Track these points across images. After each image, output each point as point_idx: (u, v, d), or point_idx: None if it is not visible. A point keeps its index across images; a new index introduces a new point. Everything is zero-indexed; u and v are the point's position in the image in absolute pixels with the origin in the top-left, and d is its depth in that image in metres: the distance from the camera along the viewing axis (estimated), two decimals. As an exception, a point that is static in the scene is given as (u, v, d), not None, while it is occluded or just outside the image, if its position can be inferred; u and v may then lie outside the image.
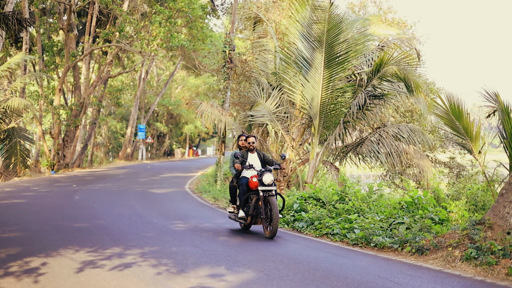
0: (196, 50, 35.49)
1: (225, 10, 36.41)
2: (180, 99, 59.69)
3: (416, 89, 16.87)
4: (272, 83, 19.53)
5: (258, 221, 11.12)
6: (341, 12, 17.16)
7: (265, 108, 18.46)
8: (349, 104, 17.02)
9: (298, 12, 17.18)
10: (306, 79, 16.97)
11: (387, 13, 27.68)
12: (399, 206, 12.16)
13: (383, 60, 16.64)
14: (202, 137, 73.62)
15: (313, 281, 6.90)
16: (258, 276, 7.17)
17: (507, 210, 8.88)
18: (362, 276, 7.29)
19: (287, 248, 9.64)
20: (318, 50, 16.57)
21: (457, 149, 25.48)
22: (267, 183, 10.61)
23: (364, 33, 17.83)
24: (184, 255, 8.50)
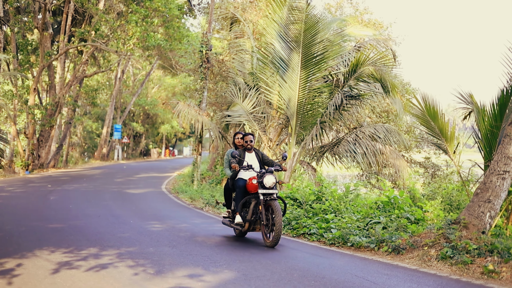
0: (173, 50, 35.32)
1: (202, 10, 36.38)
2: (157, 99, 59.44)
3: (392, 89, 17.00)
4: (249, 83, 19.53)
5: (257, 228, 10.12)
6: (318, 13, 17.20)
7: (242, 108, 18.45)
8: (326, 105, 17.08)
9: (275, 13, 17.20)
10: (283, 79, 16.99)
11: (363, 14, 27.85)
12: (376, 205, 12.25)
13: (359, 61, 16.74)
14: (178, 137, 73.38)
15: (290, 281, 6.91)
16: (236, 276, 7.17)
17: (482, 209, 8.99)
18: (339, 276, 7.33)
19: (264, 248, 9.64)
20: (295, 50, 16.60)
21: (432, 149, 25.74)
22: (268, 185, 9.70)
23: (341, 33, 17.90)
24: (161, 256, 8.46)
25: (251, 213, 9.89)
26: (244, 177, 10.31)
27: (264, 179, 9.73)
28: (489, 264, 7.51)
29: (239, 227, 10.16)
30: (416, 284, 6.94)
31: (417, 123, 13.08)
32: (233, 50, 22.27)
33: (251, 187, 10.02)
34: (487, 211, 8.97)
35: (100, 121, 57.41)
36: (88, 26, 32.54)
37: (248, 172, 10.33)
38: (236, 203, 10.20)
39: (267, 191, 9.72)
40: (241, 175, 10.39)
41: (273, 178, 9.76)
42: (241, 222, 10.08)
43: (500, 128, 10.59)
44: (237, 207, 10.14)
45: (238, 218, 10.09)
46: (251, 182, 10.02)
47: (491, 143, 10.97)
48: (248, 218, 9.92)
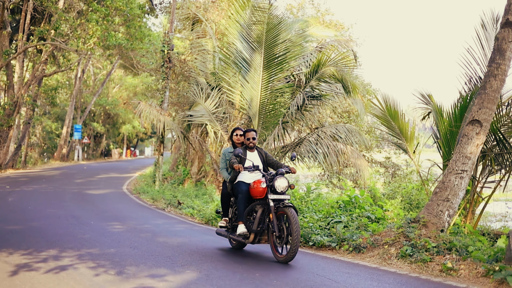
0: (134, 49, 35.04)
1: (163, 9, 36.12)
2: (118, 98, 58.84)
3: (353, 90, 17.19)
4: (211, 83, 19.51)
5: (263, 239, 8.65)
6: (280, 14, 17.31)
7: (204, 108, 18.41)
8: (288, 105, 17.16)
9: (238, 13, 17.21)
10: (246, 79, 17.01)
11: (325, 15, 28.06)
12: (337, 205, 12.35)
13: (321, 61, 16.86)
14: (140, 137, 72.74)
15: (252, 280, 6.92)
16: (198, 276, 7.15)
17: (440, 208, 9.15)
18: (301, 275, 7.37)
19: (226, 248, 9.64)
20: (258, 51, 16.63)
21: (393, 149, 26.08)
22: (280, 190, 8.35)
23: (303, 34, 18.00)
24: (123, 257, 8.38)
25: (258, 222, 8.48)
26: (246, 180, 8.89)
27: (276, 182, 8.38)
28: (448, 262, 7.65)
29: (242, 239, 8.70)
30: (377, 282, 7.03)
31: (378, 123, 13.26)
32: (195, 50, 22.20)
33: (257, 191, 8.57)
34: (445, 210, 9.13)
35: (59, 121, 56.56)
36: (48, 24, 32.02)
37: (251, 174, 8.93)
38: (239, 211, 8.68)
39: (278, 196, 8.35)
40: (242, 177, 8.96)
41: (285, 182, 8.43)
42: (245, 233, 8.55)
43: (459, 128, 10.80)
44: (240, 215, 8.66)
45: (241, 228, 8.56)
46: (257, 186, 8.58)
47: (450, 143, 11.19)
48: (254, 229, 8.47)
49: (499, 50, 9.44)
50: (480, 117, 9.29)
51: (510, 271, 6.77)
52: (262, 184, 8.48)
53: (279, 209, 8.29)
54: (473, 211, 10.81)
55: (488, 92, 9.35)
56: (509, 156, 10.41)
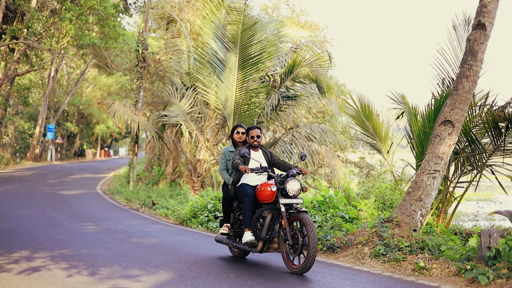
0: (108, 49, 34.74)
1: (138, 8, 35.91)
2: (92, 98, 58.33)
3: (327, 90, 17.28)
4: (186, 83, 19.45)
5: (272, 248, 7.82)
6: (255, 14, 17.32)
7: (179, 108, 18.35)
8: (263, 105, 17.19)
9: (213, 13, 17.18)
10: (221, 79, 17.00)
11: (300, 16, 28.13)
12: (311, 205, 12.39)
13: (295, 62, 16.93)
14: (114, 137, 72.22)
15: (226, 281, 6.91)
16: (172, 276, 7.11)
17: (413, 208, 9.24)
18: (275, 275, 7.38)
19: (200, 248, 9.62)
20: (233, 51, 16.63)
21: (367, 149, 26.29)
22: (293, 193, 7.59)
23: (278, 35, 18.06)
24: (96, 258, 8.31)
25: (267, 229, 7.70)
26: (251, 183, 8.10)
27: (288, 185, 7.57)
28: (420, 261, 7.72)
29: (249, 247, 7.86)
30: (350, 281, 7.07)
31: (352, 123, 13.36)
32: (170, 49, 22.12)
33: (266, 195, 7.78)
34: (418, 210, 9.23)
35: (32, 121, 55.88)
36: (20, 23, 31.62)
37: (257, 176, 8.15)
38: (245, 217, 7.86)
39: (290, 200, 7.56)
40: (246, 179, 8.17)
41: (298, 184, 7.65)
42: (253, 241, 7.73)
43: (432, 129, 10.91)
44: (246, 221, 7.83)
45: (248, 235, 7.71)
46: (265, 189, 7.79)
47: (423, 143, 11.30)
48: (263, 236, 7.67)
49: (471, 51, 9.56)
50: (453, 118, 9.40)
51: (481, 270, 6.86)
52: (272, 187, 7.63)
53: (292, 214, 7.45)
54: (446, 211, 10.93)
55: (460, 93, 9.46)
56: (481, 157, 10.54)
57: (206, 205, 13.65)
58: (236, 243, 8.24)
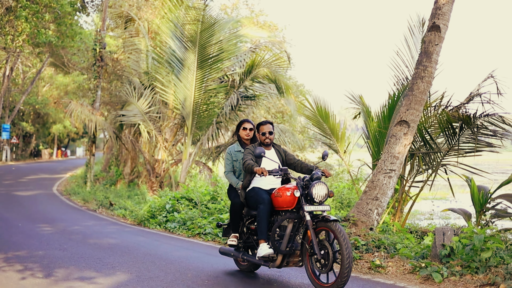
0: (65, 47, 34.23)
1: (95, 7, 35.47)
2: (48, 97, 57.37)
3: (286, 90, 17.38)
4: (144, 83, 19.31)
5: (291, 262, 6.63)
6: (214, 14, 17.29)
7: (137, 107, 18.19)
8: (222, 105, 17.18)
9: (172, 12, 17.08)
10: (179, 79, 16.92)
11: (259, 16, 28.23)
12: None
13: (254, 62, 16.98)
14: (71, 137, 71.17)
15: (184, 281, 6.88)
16: (129, 278, 7.06)
17: (370, 207, 9.36)
18: (234, 275, 7.39)
19: (158, 249, 9.57)
20: (191, 50, 16.57)
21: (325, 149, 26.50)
22: (319, 199, 6.40)
23: (237, 34, 18.04)
24: (52, 259, 8.19)
25: (287, 240, 6.51)
26: (264, 187, 7.04)
27: (314, 189, 6.38)
28: (376, 259, 7.82)
29: (264, 262, 6.76)
30: (308, 280, 7.11)
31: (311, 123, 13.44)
32: (128, 49, 21.91)
33: (285, 201, 6.62)
34: (374, 208, 9.35)
35: (-14, 121, 54.74)
36: (-26, 20, 30.94)
37: (270, 179, 7.08)
38: (261, 226, 6.71)
39: (316, 207, 6.38)
40: (258, 183, 7.09)
41: (325, 189, 6.47)
42: (271, 254, 6.58)
43: (388, 129, 11.07)
44: (261, 232, 6.69)
45: (265, 248, 6.58)
46: (284, 194, 6.62)
47: (379, 143, 11.45)
48: (282, 249, 6.49)
49: (426, 53, 9.73)
50: (408, 118, 9.55)
51: (435, 268, 6.99)
52: (295, 192, 6.40)
53: (319, 224, 6.29)
54: (402, 210, 11.09)
55: (416, 93, 9.62)
56: (436, 156, 10.73)
57: (164, 206, 13.57)
58: (248, 256, 7.09)
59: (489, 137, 10.30)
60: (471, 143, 10.26)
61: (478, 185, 10.05)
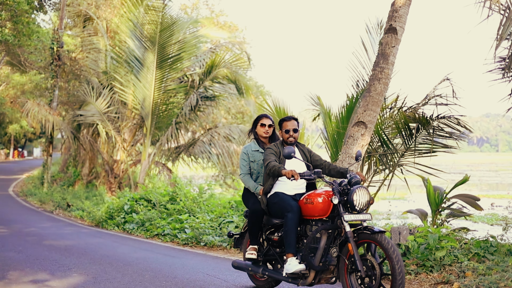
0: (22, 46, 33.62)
1: (53, 5, 34.95)
2: (4, 97, 56.28)
3: (246, 91, 17.42)
4: (103, 82, 19.12)
5: (324, 278, 5.68)
6: (174, 14, 17.24)
7: (95, 107, 18.00)
8: (181, 105, 17.13)
9: (131, 11, 16.96)
10: (138, 79, 16.80)
11: (219, 16, 28.21)
12: (229, 205, 12.44)
13: (214, 62, 16.97)
14: (28, 137, 69.94)
15: (141, 282, 6.83)
16: (85, 279, 6.97)
17: (328, 207, 9.41)
18: (191, 275, 7.35)
19: (116, 250, 9.48)
20: (151, 50, 16.47)
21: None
22: (360, 206, 5.43)
23: (197, 34, 18.01)
24: (6, 262, 8.03)
25: (321, 254, 5.53)
26: (288, 192, 6.03)
27: (355, 196, 5.39)
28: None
29: (292, 280, 5.71)
30: (266, 280, 7.14)
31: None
32: (86, 48, 21.67)
33: (317, 208, 5.62)
34: (333, 208, 9.40)
35: None
36: None
37: (295, 183, 6.04)
38: (288, 238, 5.68)
39: (357, 217, 5.47)
40: (281, 187, 6.08)
41: (367, 195, 5.50)
42: (303, 271, 5.53)
43: (346, 129, 11.17)
44: (289, 245, 5.67)
45: (294, 264, 5.55)
46: (316, 200, 5.62)
47: (338, 143, 11.54)
48: (316, 264, 5.48)
49: (383, 54, 9.85)
50: (365, 119, 9.65)
51: (391, 266, 7.07)
52: (333, 199, 5.41)
53: (361, 235, 5.40)
54: (360, 210, 11.16)
55: (373, 95, 9.72)
56: (392, 157, 10.87)
57: (122, 207, 13.46)
58: (271, 272, 6.08)
59: (445, 138, 10.49)
60: (427, 144, 10.43)
61: (434, 185, 10.21)
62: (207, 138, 17.75)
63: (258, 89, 25.08)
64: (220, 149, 17.49)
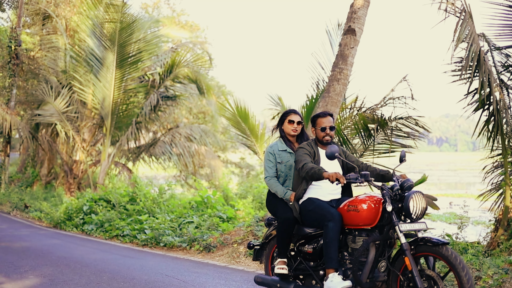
0: (-22, 44, 32.98)
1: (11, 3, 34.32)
2: (-39, 96, 55.10)
3: (207, 91, 17.39)
4: (62, 82, 18.87)
5: None
6: (134, 12, 17.15)
7: (54, 107, 17.74)
8: (142, 105, 17.01)
9: (90, 9, 16.78)
10: (98, 78, 16.62)
11: (180, 15, 28.08)
12: (189, 205, 12.41)
13: (175, 62, 16.90)
14: (-14, 137, 68.56)
15: (99, 284, 6.76)
16: (42, 282, 6.86)
17: (287, 206, 9.45)
18: (150, 276, 7.31)
19: (74, 251, 9.37)
20: (110, 49, 16.31)
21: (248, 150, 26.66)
22: (417, 214, 4.77)
23: (157, 34, 17.91)
24: (-42, 265, 7.87)
25: (370, 268, 4.85)
26: (323, 197, 5.36)
27: (411, 202, 4.72)
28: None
29: None
30: (224, 280, 7.13)
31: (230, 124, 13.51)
32: (45, 46, 21.34)
33: (363, 217, 4.95)
34: (292, 208, 9.45)
35: None
36: None
37: (330, 188, 5.38)
38: (329, 251, 4.98)
39: (412, 226, 4.78)
40: (314, 192, 5.39)
41: (424, 201, 4.82)
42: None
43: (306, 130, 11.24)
44: (331, 258, 4.96)
45: (338, 280, 4.90)
46: (361, 207, 4.95)
47: (298, 143, 11.59)
48: (363, 281, 4.85)
49: (342, 55, 9.94)
50: (324, 119, 9.72)
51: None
52: (387, 206, 4.75)
53: (419, 248, 4.68)
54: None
55: (332, 95, 9.80)
56: (352, 156, 10.96)
57: (81, 207, 13.30)
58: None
59: (403, 138, 10.64)
60: (386, 144, 10.56)
61: (392, 185, 10.34)
62: (168, 138, 17.66)
63: (219, 89, 25.04)
64: (181, 149, 17.43)
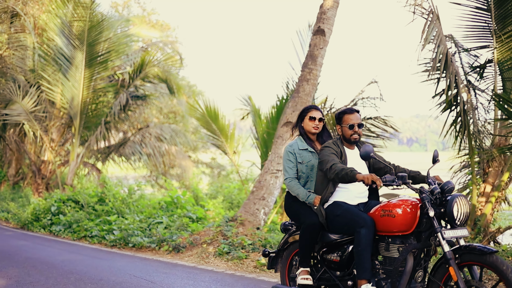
0: None
1: (-22, 0, 33.78)
2: None
3: (178, 91, 17.32)
4: (30, 81, 18.61)
5: None
6: (104, 11, 17.02)
7: (21, 106, 17.49)
8: (111, 104, 16.88)
9: (59, 8, 16.58)
10: (67, 77, 16.44)
11: (151, 15, 27.90)
12: (159, 206, 12.36)
13: (144, 61, 16.81)
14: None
15: (66, 285, 6.69)
16: (7, 283, 6.77)
17: (257, 206, 9.49)
18: (118, 277, 7.26)
19: (41, 253, 9.26)
20: (79, 48, 16.15)
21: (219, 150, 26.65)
22: (461, 219, 4.36)
23: (127, 33, 17.79)
24: None
25: (408, 280, 4.46)
26: (350, 201, 4.94)
27: (455, 206, 4.31)
28: (262, 258, 7.94)
29: None
30: (193, 280, 7.11)
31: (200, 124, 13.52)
32: (12, 45, 21.02)
33: (398, 223, 4.51)
34: (261, 208, 9.49)
35: None
36: None
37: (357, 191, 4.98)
38: (361, 260, 4.56)
39: (455, 232, 4.34)
40: (341, 196, 4.95)
41: (467, 205, 4.41)
42: None
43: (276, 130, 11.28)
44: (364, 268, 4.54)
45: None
46: (396, 212, 4.53)
47: (268, 143, 11.64)
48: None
49: (312, 56, 9.99)
50: (294, 119, 9.75)
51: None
52: (429, 212, 4.31)
53: (465, 256, 4.24)
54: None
55: (301, 95, 9.85)
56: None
57: (49, 208, 13.15)
58: None
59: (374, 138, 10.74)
60: (355, 144, 10.66)
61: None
62: (138, 138, 17.58)
63: (190, 88, 24.96)
64: (152, 149, 17.35)
